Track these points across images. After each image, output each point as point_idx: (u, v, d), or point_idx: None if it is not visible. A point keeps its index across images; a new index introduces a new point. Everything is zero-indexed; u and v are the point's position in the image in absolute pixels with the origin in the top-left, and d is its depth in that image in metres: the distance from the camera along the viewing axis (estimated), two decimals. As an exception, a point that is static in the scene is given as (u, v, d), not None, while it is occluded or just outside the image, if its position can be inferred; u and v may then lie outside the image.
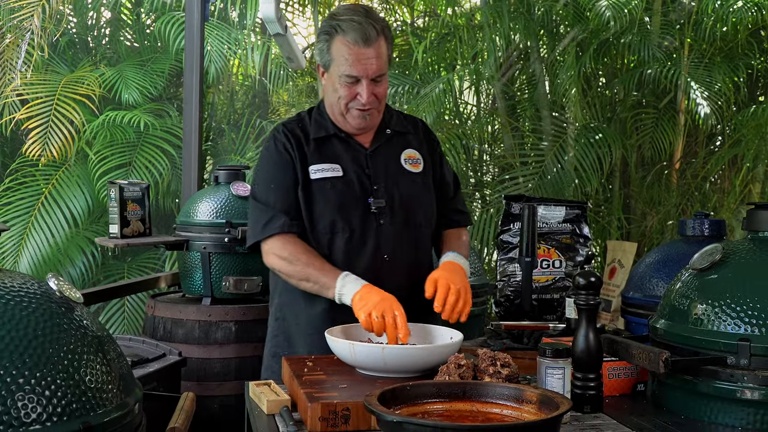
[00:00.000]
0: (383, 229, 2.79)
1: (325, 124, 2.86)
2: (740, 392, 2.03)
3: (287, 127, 2.86)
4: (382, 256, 2.77)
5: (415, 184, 2.88)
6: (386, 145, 2.90)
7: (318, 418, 1.91)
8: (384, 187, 2.82)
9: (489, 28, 7.55)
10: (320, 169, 2.79)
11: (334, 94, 2.78)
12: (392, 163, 2.88)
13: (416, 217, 2.86)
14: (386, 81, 2.80)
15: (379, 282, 2.71)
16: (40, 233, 7.28)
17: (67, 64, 8.02)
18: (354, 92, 2.73)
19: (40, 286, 1.85)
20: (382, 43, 2.73)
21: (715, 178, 8.39)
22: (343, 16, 2.73)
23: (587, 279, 2.18)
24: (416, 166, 2.91)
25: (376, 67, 2.71)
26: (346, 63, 2.70)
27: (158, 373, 3.53)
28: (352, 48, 2.68)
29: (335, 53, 2.72)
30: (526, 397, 1.71)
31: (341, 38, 2.70)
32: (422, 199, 2.90)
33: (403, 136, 2.96)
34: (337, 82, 2.75)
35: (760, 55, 8.14)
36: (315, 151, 2.82)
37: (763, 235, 2.27)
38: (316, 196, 2.76)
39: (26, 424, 1.59)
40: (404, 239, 2.83)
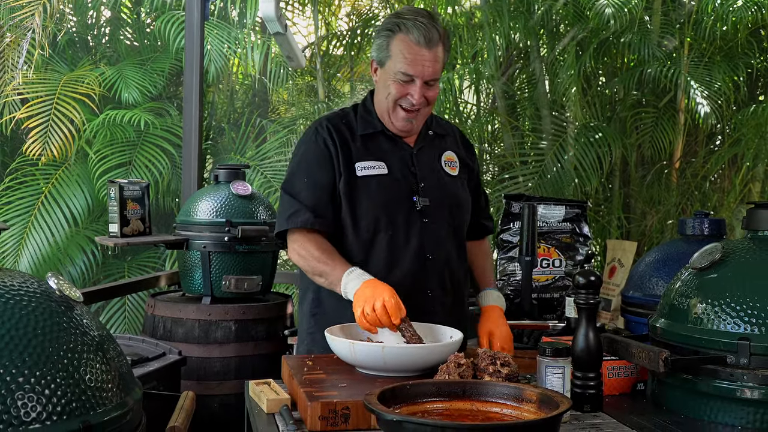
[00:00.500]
0: (427, 228, 2.80)
1: (373, 121, 2.86)
2: (740, 391, 2.03)
3: (331, 122, 2.86)
4: (425, 255, 2.78)
5: (455, 185, 2.92)
6: (429, 145, 2.93)
7: (318, 417, 1.91)
8: (429, 187, 2.83)
9: (489, 27, 7.54)
10: (366, 167, 2.79)
11: (384, 91, 2.78)
12: (435, 164, 2.91)
13: (458, 217, 2.90)
14: (438, 87, 2.82)
15: (422, 281, 2.77)
16: (40, 232, 7.27)
17: (66, 63, 8.02)
18: (405, 91, 2.74)
19: (39, 285, 1.85)
20: (441, 48, 2.74)
21: (715, 178, 8.39)
22: (408, 16, 2.74)
23: (587, 278, 2.18)
24: (453, 169, 2.94)
25: (432, 70, 2.72)
26: (404, 61, 2.70)
27: (158, 372, 3.53)
28: (413, 47, 2.69)
29: (394, 50, 2.72)
30: (526, 396, 1.71)
31: (403, 36, 2.71)
32: (462, 200, 2.94)
33: (442, 138, 2.99)
34: (390, 78, 2.74)
35: (760, 55, 8.14)
36: (361, 147, 2.82)
37: (762, 234, 2.27)
38: (361, 193, 2.76)
39: (26, 423, 1.59)
40: (447, 239, 2.85)
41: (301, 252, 2.74)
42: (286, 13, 8.62)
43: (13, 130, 7.52)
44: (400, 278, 2.73)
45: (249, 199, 4.30)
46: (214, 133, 8.53)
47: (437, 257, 2.80)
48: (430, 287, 2.78)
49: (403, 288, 2.69)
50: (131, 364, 3.34)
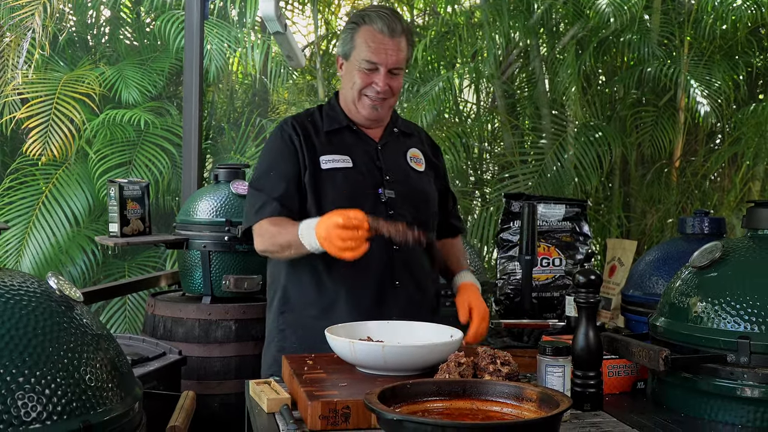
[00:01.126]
0: (393, 220, 2.77)
1: (337, 117, 2.92)
2: (740, 390, 2.03)
3: (296, 120, 2.92)
4: (392, 247, 2.78)
5: (421, 180, 2.95)
6: (394, 141, 2.98)
7: (318, 416, 1.91)
8: (394, 180, 2.87)
9: (489, 26, 7.55)
10: (331, 160, 2.83)
11: (349, 82, 2.86)
12: (400, 158, 2.95)
13: (424, 211, 2.92)
14: (402, 79, 2.89)
15: (389, 273, 2.80)
16: (41, 232, 7.28)
17: (66, 62, 8.02)
18: (370, 80, 2.81)
19: (40, 284, 1.85)
20: (404, 41, 2.84)
21: (715, 176, 8.39)
22: (371, 10, 2.87)
23: (587, 277, 2.18)
24: (419, 165, 2.99)
25: (395, 59, 2.80)
26: (368, 49, 2.79)
27: (158, 372, 3.53)
28: (377, 35, 2.79)
29: (358, 40, 2.81)
30: (526, 395, 1.71)
31: (367, 27, 2.81)
32: (429, 195, 2.97)
33: (407, 136, 3.04)
34: (355, 69, 2.82)
35: (760, 53, 8.14)
36: (326, 142, 2.87)
37: (762, 233, 2.27)
38: (326, 186, 2.79)
39: (26, 423, 1.59)
40: None
41: (262, 236, 2.77)
42: (286, 12, 8.62)
43: (13, 130, 7.53)
44: (367, 270, 2.75)
45: (249, 198, 4.30)
46: (214, 132, 8.53)
47: (404, 249, 2.80)
48: (397, 279, 2.81)
49: (370, 280, 2.78)
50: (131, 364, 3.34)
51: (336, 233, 2.45)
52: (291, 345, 2.80)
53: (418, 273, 2.88)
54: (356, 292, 2.77)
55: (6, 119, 7.33)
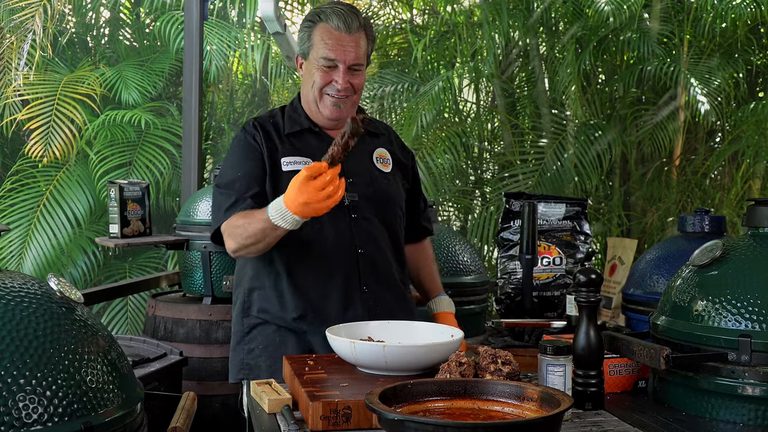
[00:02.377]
0: (356, 223, 2.78)
1: (299, 118, 2.87)
2: (741, 388, 2.03)
3: (258, 121, 2.87)
4: (357, 250, 2.76)
5: (387, 182, 2.90)
6: (359, 143, 2.81)
7: (319, 416, 1.91)
8: (357, 183, 2.81)
9: (488, 26, 7.55)
10: (292, 162, 2.77)
11: (309, 81, 2.80)
12: (365, 160, 2.89)
13: (389, 213, 2.87)
14: (363, 76, 2.84)
15: (355, 276, 2.75)
16: (42, 234, 7.28)
17: (66, 64, 8.02)
18: (330, 77, 2.75)
19: (40, 286, 1.85)
20: (362, 36, 2.78)
21: (715, 175, 8.39)
22: (326, 6, 2.79)
23: (588, 276, 2.17)
24: (386, 166, 2.93)
25: (354, 55, 2.75)
26: (325, 47, 2.73)
27: (159, 373, 3.53)
28: (333, 32, 2.74)
29: (315, 38, 2.76)
30: (528, 394, 1.70)
31: (323, 24, 2.76)
32: (394, 197, 2.91)
33: (374, 136, 2.97)
34: (314, 67, 2.77)
35: (760, 51, 8.14)
36: (288, 144, 2.82)
37: (763, 231, 2.27)
38: (285, 188, 2.65)
39: (27, 424, 1.59)
40: (377, 234, 2.82)
41: (233, 234, 2.67)
42: (286, 12, 8.61)
43: (14, 132, 7.53)
44: (333, 273, 2.73)
45: (249, 199, 4.30)
46: (214, 133, 8.53)
47: (369, 251, 2.78)
48: (365, 282, 2.76)
49: (337, 283, 2.73)
50: (132, 365, 3.34)
51: (311, 188, 2.40)
52: (258, 347, 2.77)
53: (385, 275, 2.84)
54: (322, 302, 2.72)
55: (7, 121, 7.32)
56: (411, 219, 3.02)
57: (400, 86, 7.90)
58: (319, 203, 2.43)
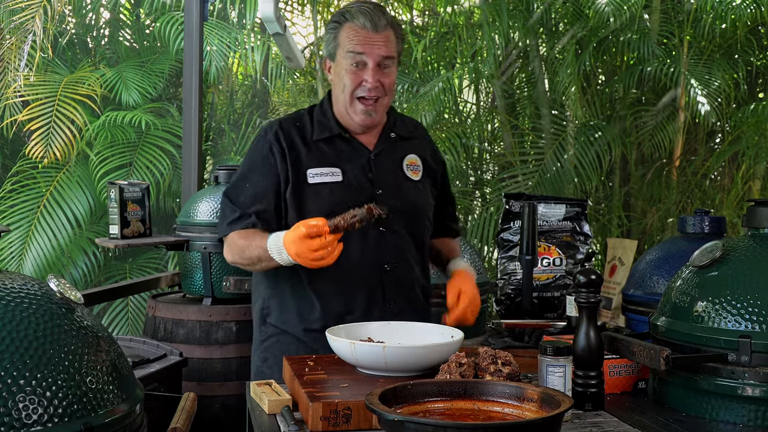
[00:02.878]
0: (384, 237, 2.71)
1: (329, 123, 2.76)
2: (741, 389, 2.03)
3: (282, 127, 2.76)
4: (383, 265, 2.70)
5: (416, 191, 2.82)
6: (390, 149, 2.81)
7: (319, 417, 1.91)
8: (386, 195, 2.72)
9: (488, 27, 7.54)
10: (319, 173, 2.69)
11: (339, 84, 2.70)
12: (395, 169, 2.80)
13: (416, 225, 2.79)
14: (394, 74, 2.73)
15: (380, 293, 2.69)
16: (43, 235, 7.28)
17: (66, 65, 8.02)
18: (360, 78, 2.65)
19: (40, 287, 1.85)
20: (391, 34, 2.69)
21: (715, 175, 8.39)
22: (352, 6, 2.70)
23: (588, 277, 2.17)
24: (416, 173, 2.84)
25: (384, 50, 2.66)
26: (352, 42, 2.65)
27: (159, 374, 3.53)
28: (360, 31, 2.65)
29: (342, 38, 2.67)
30: (528, 395, 1.70)
31: (349, 24, 2.67)
32: (423, 207, 2.83)
33: (406, 141, 2.87)
34: (343, 68, 2.67)
35: (760, 52, 8.14)
36: (315, 152, 2.72)
37: (763, 231, 2.27)
38: (310, 201, 2.68)
39: (27, 425, 1.59)
40: (406, 248, 2.76)
41: (231, 249, 2.69)
42: (286, 13, 8.61)
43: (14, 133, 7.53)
44: (356, 288, 2.68)
45: (249, 199, 4.30)
46: (214, 133, 8.53)
47: (396, 268, 2.72)
48: (389, 299, 2.70)
49: (360, 298, 2.67)
50: (132, 366, 3.34)
51: (305, 245, 2.39)
52: (273, 355, 2.74)
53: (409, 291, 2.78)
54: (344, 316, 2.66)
55: (7, 122, 7.33)
56: (436, 222, 2.94)
57: (400, 87, 7.89)
58: (310, 261, 2.43)
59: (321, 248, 2.39)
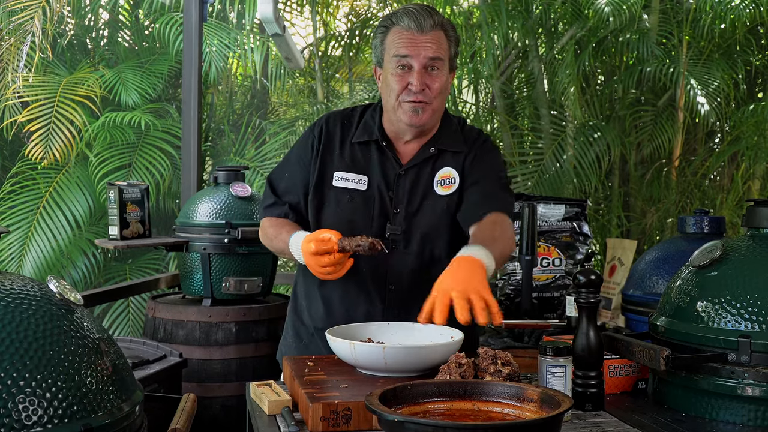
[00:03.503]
0: (394, 258, 2.65)
1: (371, 128, 2.70)
2: (741, 389, 2.03)
3: (329, 122, 2.74)
4: (388, 285, 2.67)
5: (441, 209, 2.68)
6: (424, 163, 2.70)
7: (319, 418, 1.91)
8: (404, 215, 2.66)
9: (487, 27, 7.55)
10: (345, 178, 2.67)
11: (386, 90, 2.62)
12: (423, 185, 2.68)
13: (433, 247, 2.69)
14: (443, 78, 2.61)
15: (381, 309, 2.67)
16: (42, 236, 7.29)
17: (66, 65, 8.02)
18: (405, 81, 2.56)
19: (40, 288, 1.84)
20: (441, 35, 2.59)
21: (715, 176, 8.39)
22: (399, 9, 2.64)
23: (587, 277, 2.17)
24: (448, 188, 2.69)
25: (430, 52, 2.55)
26: (396, 45, 2.57)
27: (159, 375, 3.53)
28: (405, 33, 2.56)
29: (389, 42, 2.60)
30: (528, 395, 1.70)
31: (395, 27, 2.59)
32: (443, 229, 2.69)
33: (450, 154, 2.73)
34: (389, 72, 2.60)
35: (759, 52, 8.14)
36: (347, 156, 2.69)
37: (762, 231, 2.27)
38: (330, 205, 2.68)
39: (27, 426, 1.59)
40: (415, 271, 2.68)
41: (264, 234, 2.76)
42: (285, 14, 8.62)
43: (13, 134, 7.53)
44: (357, 303, 2.68)
45: (248, 200, 4.30)
46: (213, 134, 8.53)
47: (401, 288, 2.68)
48: (388, 319, 2.62)
49: (359, 315, 2.66)
50: (132, 367, 3.34)
51: (314, 260, 2.42)
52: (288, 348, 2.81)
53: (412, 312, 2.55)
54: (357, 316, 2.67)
55: (7, 123, 7.32)
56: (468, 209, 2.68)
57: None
58: (319, 274, 2.47)
59: (329, 265, 2.42)
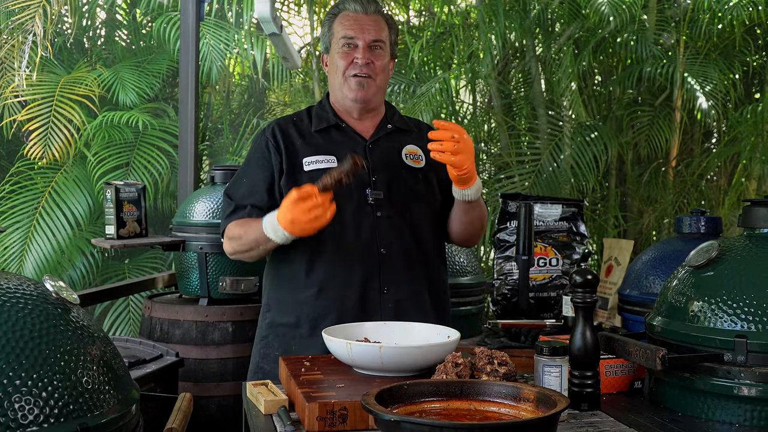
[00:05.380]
0: (380, 222, 2.72)
1: (326, 115, 2.84)
2: (737, 389, 2.03)
3: (278, 124, 2.84)
4: (379, 249, 2.70)
5: (416, 179, 2.81)
6: (387, 138, 2.85)
7: (316, 417, 1.90)
8: (383, 179, 2.76)
9: (485, 27, 7.55)
10: (314, 161, 2.74)
11: (333, 71, 2.80)
12: (393, 156, 2.82)
13: (415, 212, 2.78)
14: (385, 58, 2.80)
15: (375, 277, 2.70)
16: (42, 236, 7.29)
17: (63, 65, 8.02)
18: (351, 57, 2.74)
19: (36, 287, 1.84)
20: (382, 21, 2.80)
21: (712, 176, 8.40)
22: None
23: (584, 277, 2.17)
24: (418, 162, 2.84)
25: (374, 32, 2.75)
26: (343, 27, 2.76)
27: (155, 374, 3.52)
28: (351, 15, 2.77)
29: (336, 27, 2.78)
30: (524, 395, 1.70)
31: (342, 14, 2.79)
32: (423, 194, 2.82)
33: (405, 133, 2.90)
34: (336, 53, 2.77)
35: (756, 52, 8.15)
36: (311, 143, 2.78)
37: (759, 231, 2.27)
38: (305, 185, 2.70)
39: (23, 425, 1.58)
40: (402, 233, 2.75)
41: (231, 239, 2.74)
42: (282, 13, 8.61)
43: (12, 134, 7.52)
44: (353, 273, 2.69)
45: (246, 200, 4.29)
46: (210, 134, 8.53)
47: (392, 252, 2.72)
48: (385, 285, 2.70)
49: (357, 284, 2.68)
50: (129, 366, 3.34)
51: (298, 209, 2.44)
52: (273, 353, 2.75)
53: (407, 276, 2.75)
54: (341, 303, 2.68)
55: (6, 122, 7.32)
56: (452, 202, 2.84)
57: (397, 87, 7.90)
58: (306, 224, 2.47)
59: (314, 208, 2.44)
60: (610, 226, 7.88)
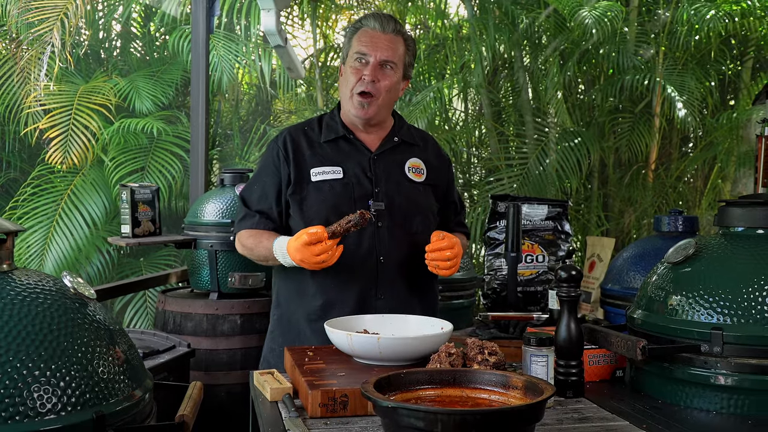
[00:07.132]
0: (380, 232, 2.69)
1: (335, 126, 2.79)
2: (714, 378, 2.02)
3: (290, 132, 2.80)
4: (378, 257, 2.68)
5: (416, 191, 2.79)
6: (392, 151, 2.81)
7: (318, 404, 1.90)
8: (385, 191, 2.73)
9: (476, 39, 7.54)
10: (321, 172, 2.71)
11: (344, 83, 2.74)
12: (396, 169, 2.78)
13: (414, 223, 2.75)
14: (394, 79, 2.73)
15: (375, 284, 2.68)
16: (62, 235, 7.29)
17: (81, 75, 8.01)
18: (360, 74, 2.68)
19: (55, 283, 1.83)
20: (400, 41, 2.74)
21: (689, 178, 8.40)
22: (370, 13, 2.79)
23: (569, 272, 2.16)
24: (419, 176, 2.81)
25: (386, 52, 2.69)
26: (359, 43, 2.70)
27: (168, 364, 3.51)
28: (369, 32, 2.70)
29: (353, 42, 2.72)
30: (513, 383, 1.69)
31: (362, 29, 2.73)
32: (422, 207, 2.79)
33: (410, 146, 2.86)
34: (349, 67, 2.72)
35: (731, 62, 8.15)
36: (319, 154, 2.75)
37: (733, 230, 2.26)
38: (312, 197, 2.69)
39: (41, 413, 1.57)
40: (402, 243, 2.72)
41: (243, 245, 2.76)
42: (287, 27, 8.60)
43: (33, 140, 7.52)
44: (351, 279, 2.67)
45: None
46: (220, 139, 8.52)
47: (390, 261, 2.69)
48: (381, 292, 2.68)
49: (354, 290, 2.67)
50: (143, 357, 3.33)
51: (308, 252, 2.45)
52: (278, 348, 2.73)
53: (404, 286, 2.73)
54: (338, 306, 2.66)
55: (29, 129, 7.31)
56: (443, 223, 2.89)
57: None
58: (313, 264, 2.49)
59: (322, 253, 2.45)
60: (593, 225, 7.88)
